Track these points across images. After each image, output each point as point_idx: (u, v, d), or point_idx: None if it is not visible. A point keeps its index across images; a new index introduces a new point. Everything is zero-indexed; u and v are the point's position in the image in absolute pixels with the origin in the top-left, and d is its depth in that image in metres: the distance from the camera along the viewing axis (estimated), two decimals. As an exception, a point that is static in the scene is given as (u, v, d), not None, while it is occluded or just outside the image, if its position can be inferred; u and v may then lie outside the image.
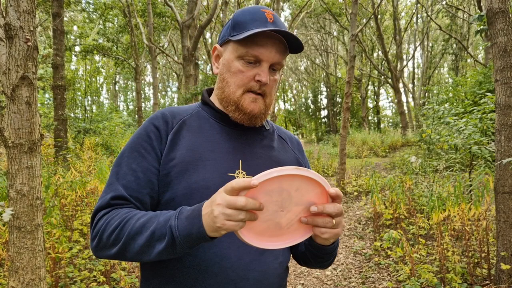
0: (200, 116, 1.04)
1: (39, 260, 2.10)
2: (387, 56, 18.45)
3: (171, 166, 0.94)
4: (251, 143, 1.03)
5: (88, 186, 4.82)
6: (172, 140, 0.97)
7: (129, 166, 0.94)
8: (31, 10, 2.02)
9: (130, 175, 0.93)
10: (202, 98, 1.10)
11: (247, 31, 0.93)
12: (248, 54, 0.94)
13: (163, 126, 0.98)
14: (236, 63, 0.96)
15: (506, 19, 2.97)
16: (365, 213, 6.07)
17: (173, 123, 1.00)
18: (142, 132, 0.98)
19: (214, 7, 9.55)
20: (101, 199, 0.92)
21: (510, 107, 2.94)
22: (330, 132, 28.62)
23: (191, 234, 0.74)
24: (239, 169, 0.97)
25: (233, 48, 0.97)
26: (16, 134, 2.02)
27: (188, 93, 9.45)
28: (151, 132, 0.97)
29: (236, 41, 0.96)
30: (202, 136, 0.99)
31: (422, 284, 3.33)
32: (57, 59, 8.10)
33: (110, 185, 0.94)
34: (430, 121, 8.31)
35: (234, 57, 0.97)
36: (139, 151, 0.95)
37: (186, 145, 0.96)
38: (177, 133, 0.98)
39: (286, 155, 1.10)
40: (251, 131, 1.05)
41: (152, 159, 0.95)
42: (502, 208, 3.00)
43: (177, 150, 0.95)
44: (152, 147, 0.95)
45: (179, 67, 24.52)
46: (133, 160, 0.94)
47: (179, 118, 1.02)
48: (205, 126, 1.02)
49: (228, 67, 0.98)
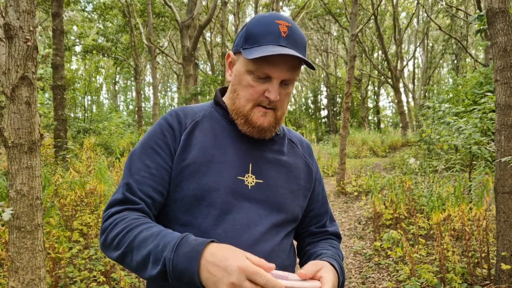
0: (213, 118, 1.03)
1: (39, 260, 2.10)
2: (387, 56, 18.45)
3: (183, 166, 0.94)
4: (261, 147, 1.02)
5: (87, 186, 4.82)
6: (185, 141, 0.97)
7: (143, 162, 0.95)
8: (31, 10, 2.01)
9: (143, 171, 0.93)
10: (215, 98, 1.08)
11: (258, 47, 0.91)
12: (258, 71, 0.92)
13: (177, 126, 0.98)
14: (247, 77, 0.94)
15: (506, 19, 2.97)
16: (365, 213, 6.07)
17: (186, 124, 1.00)
18: (157, 129, 0.99)
19: (214, 7, 9.55)
20: (115, 194, 0.93)
21: (510, 107, 2.93)
22: (330, 132, 28.61)
23: (183, 275, 0.73)
24: (249, 172, 0.97)
25: (244, 62, 0.95)
26: (16, 134, 2.02)
27: (188, 93, 9.45)
28: (165, 130, 0.98)
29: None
30: (214, 138, 0.99)
31: (422, 284, 3.33)
32: (57, 59, 8.09)
33: (124, 180, 0.94)
34: (430, 121, 8.31)
35: (244, 70, 0.94)
36: (153, 148, 0.96)
37: (198, 146, 0.96)
38: (190, 134, 0.98)
39: (296, 159, 1.09)
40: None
41: (166, 157, 0.95)
42: (502, 208, 2.99)
43: (190, 151, 0.96)
44: (167, 144, 0.96)
45: (179, 67, 24.52)
46: (147, 157, 0.95)
47: (192, 119, 1.01)
48: (217, 128, 1.01)
49: (239, 80, 0.96)
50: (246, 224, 0.92)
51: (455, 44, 22.94)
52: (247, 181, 0.96)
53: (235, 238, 0.89)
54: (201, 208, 0.92)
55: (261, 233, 0.93)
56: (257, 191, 0.96)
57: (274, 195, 0.98)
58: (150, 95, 37.23)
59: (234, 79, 0.99)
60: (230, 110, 1.01)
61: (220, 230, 0.90)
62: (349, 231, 5.45)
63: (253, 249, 0.88)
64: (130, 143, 11.50)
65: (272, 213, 0.97)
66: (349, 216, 6.24)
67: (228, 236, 0.90)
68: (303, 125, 37.55)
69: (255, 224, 0.93)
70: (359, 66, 24.87)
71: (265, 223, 0.95)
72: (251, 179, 0.97)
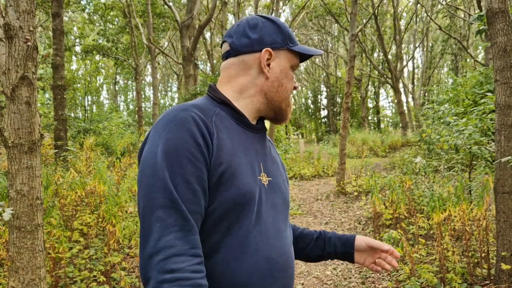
0: (222, 117, 0.97)
1: (39, 260, 2.10)
2: (387, 56, 18.46)
3: (221, 172, 0.87)
4: (262, 145, 1.05)
5: (87, 186, 4.82)
6: (217, 145, 0.89)
7: (184, 179, 0.82)
8: (31, 10, 2.02)
9: (185, 189, 0.82)
10: (216, 95, 1.00)
11: (298, 46, 1.07)
12: (297, 65, 1.09)
13: (205, 130, 0.88)
14: (290, 71, 1.07)
15: (506, 19, 2.97)
16: (365, 213, 6.07)
17: (211, 127, 0.91)
18: (186, 137, 0.85)
19: (213, 7, 9.55)
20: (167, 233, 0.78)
21: (510, 107, 2.93)
22: (330, 132, 28.62)
23: None
24: (262, 171, 0.99)
25: (288, 57, 1.06)
26: (16, 134, 2.02)
27: (188, 93, 9.45)
28: (197, 137, 0.86)
29: (292, 51, 1.06)
30: (233, 139, 0.95)
31: (422, 284, 3.33)
32: (57, 59, 8.10)
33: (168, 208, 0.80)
34: (430, 121, 8.31)
35: (289, 65, 1.06)
36: (190, 159, 0.83)
37: (227, 148, 0.91)
38: (218, 137, 0.91)
39: (277, 155, 1.15)
40: (260, 132, 1.06)
41: (203, 168, 0.85)
42: (502, 208, 3.00)
43: (222, 155, 0.89)
44: (202, 153, 0.85)
45: (179, 67, 24.50)
46: (185, 171, 0.83)
47: (210, 120, 0.92)
48: (231, 127, 0.97)
49: (286, 74, 1.06)
50: (272, 222, 0.96)
51: (454, 44, 22.93)
52: (263, 180, 0.98)
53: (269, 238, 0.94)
54: (243, 213, 0.90)
55: (283, 230, 1.00)
56: (271, 189, 1.00)
57: (281, 191, 1.04)
58: (150, 95, 37.26)
59: (279, 74, 1.05)
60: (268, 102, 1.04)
61: (256, 231, 0.92)
62: (349, 231, 5.45)
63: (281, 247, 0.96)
64: (130, 143, 11.48)
65: (283, 207, 1.04)
66: (349, 216, 6.25)
67: (263, 237, 0.93)
68: (303, 125, 37.56)
69: (277, 221, 0.99)
70: (359, 66, 24.87)
71: (282, 218, 1.02)
72: (265, 178, 0.99)
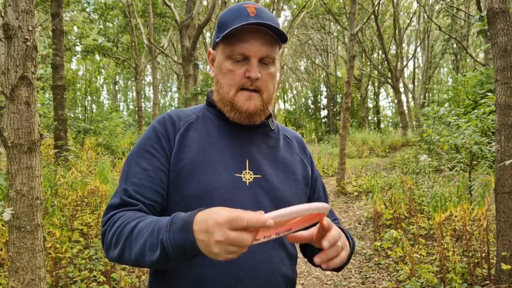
0: (206, 118, 1.05)
1: (39, 260, 2.10)
2: (387, 56, 18.44)
3: (181, 167, 0.95)
4: (257, 144, 1.04)
5: (88, 186, 4.82)
6: (179, 141, 0.98)
7: (140, 165, 0.95)
8: (30, 9, 2.01)
9: (141, 174, 0.93)
10: (206, 99, 1.10)
11: (224, 33, 0.93)
12: (234, 52, 0.94)
13: (171, 128, 1.00)
14: (226, 63, 0.96)
15: (506, 19, 2.97)
16: (365, 213, 6.07)
17: (179, 125, 1.01)
18: (151, 133, 0.99)
19: (212, 7, 9.54)
20: (113, 199, 0.94)
21: (510, 107, 2.93)
22: (330, 132, 28.59)
23: (184, 250, 0.71)
24: (246, 169, 0.98)
25: (221, 50, 0.98)
26: (16, 134, 2.02)
27: (188, 93, 9.44)
28: (159, 133, 0.98)
29: (222, 41, 0.97)
30: (210, 137, 1.00)
31: (422, 284, 3.33)
32: (57, 59, 8.09)
33: (121, 185, 0.95)
34: (431, 121, 8.30)
35: (223, 58, 0.97)
36: (149, 151, 0.96)
37: (194, 146, 0.98)
38: (184, 135, 1.00)
39: (292, 156, 1.11)
40: (257, 131, 1.06)
41: (162, 159, 0.96)
42: (502, 208, 2.99)
43: (186, 151, 0.97)
44: (162, 147, 0.97)
45: (179, 67, 24.51)
46: (144, 160, 0.96)
47: (185, 121, 1.03)
48: (212, 127, 1.03)
49: (220, 69, 0.99)
50: None
51: (455, 44, 22.92)
52: (245, 178, 0.97)
53: None
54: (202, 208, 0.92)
55: None
56: (256, 186, 0.97)
57: (273, 189, 1.00)
58: (150, 95, 37.22)
59: (216, 71, 1.01)
60: (217, 103, 1.03)
61: None
62: (349, 231, 5.44)
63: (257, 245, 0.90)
64: (130, 143, 11.50)
65: (272, 206, 0.98)
66: (349, 216, 6.24)
67: None
68: (303, 125, 37.53)
69: None
70: (359, 66, 24.85)
71: None
72: (249, 176, 0.98)
